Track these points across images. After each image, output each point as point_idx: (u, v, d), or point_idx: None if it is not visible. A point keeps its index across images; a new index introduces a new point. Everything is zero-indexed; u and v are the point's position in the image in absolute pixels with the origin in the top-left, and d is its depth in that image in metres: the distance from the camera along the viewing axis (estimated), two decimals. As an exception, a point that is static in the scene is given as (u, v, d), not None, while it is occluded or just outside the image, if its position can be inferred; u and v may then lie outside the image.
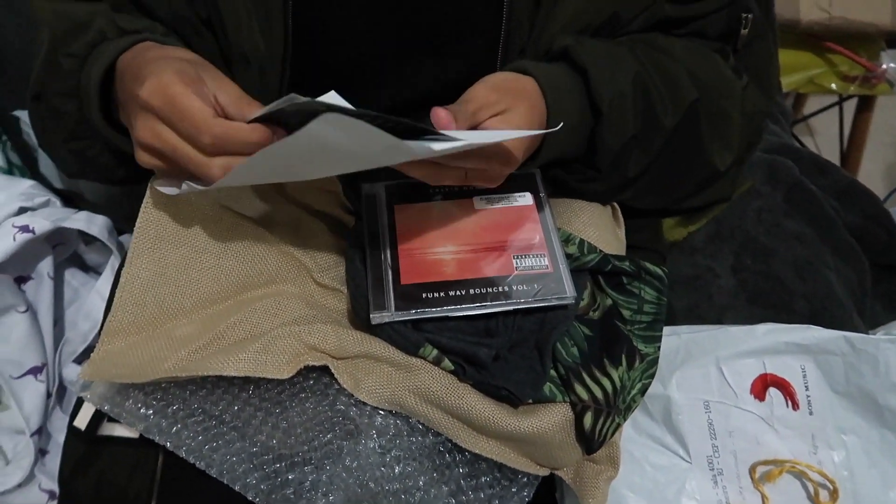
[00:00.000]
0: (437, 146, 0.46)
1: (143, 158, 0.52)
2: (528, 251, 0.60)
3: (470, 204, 0.63)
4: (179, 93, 0.48)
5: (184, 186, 0.53)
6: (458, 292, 0.56)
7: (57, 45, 0.59)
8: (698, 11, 0.66)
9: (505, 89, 0.57)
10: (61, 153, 0.65)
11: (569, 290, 0.58)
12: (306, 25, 0.61)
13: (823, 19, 1.12)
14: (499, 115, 0.55)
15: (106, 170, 0.65)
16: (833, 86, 1.22)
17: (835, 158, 1.07)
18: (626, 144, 0.61)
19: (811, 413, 0.66)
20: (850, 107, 1.45)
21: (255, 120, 0.50)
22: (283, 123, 0.51)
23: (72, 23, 0.59)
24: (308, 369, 0.56)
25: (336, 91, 0.53)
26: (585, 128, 0.61)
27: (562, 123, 0.56)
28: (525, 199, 0.64)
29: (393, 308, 0.56)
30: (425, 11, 0.62)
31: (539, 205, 0.63)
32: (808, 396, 0.66)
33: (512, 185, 0.63)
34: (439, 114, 0.51)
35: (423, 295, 0.56)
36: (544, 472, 0.59)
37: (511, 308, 0.57)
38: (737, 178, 0.70)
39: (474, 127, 0.54)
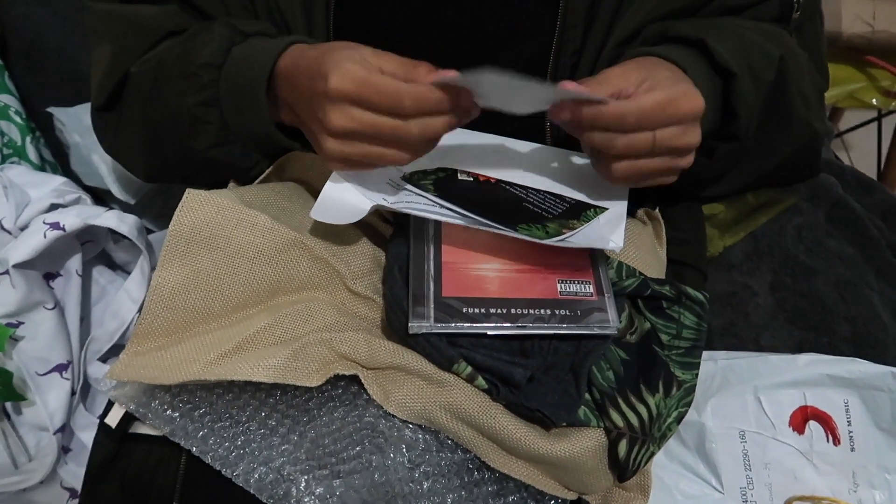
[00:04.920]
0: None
1: (334, 148, 0.53)
2: (573, 276, 0.58)
3: None
4: (367, 75, 0.51)
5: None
6: (499, 311, 0.55)
7: (176, 59, 0.60)
8: None
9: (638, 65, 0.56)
10: (178, 161, 0.66)
11: (612, 320, 0.56)
12: (349, 29, 0.61)
13: (866, 32, 1.10)
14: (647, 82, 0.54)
15: (233, 173, 0.66)
16: (874, 101, 1.19)
17: (871, 175, 1.04)
18: (757, 98, 0.60)
19: (853, 449, 0.64)
20: (890, 123, 1.43)
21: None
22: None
23: (142, 31, 0.61)
24: (337, 378, 0.54)
25: None
26: (716, 93, 0.60)
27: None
28: None
29: (432, 319, 0.54)
30: (478, 15, 0.62)
31: None
32: (850, 432, 0.64)
33: None
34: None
35: (464, 309, 0.55)
36: (572, 496, 0.58)
37: (551, 332, 0.56)
38: (819, 155, 0.70)
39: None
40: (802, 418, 0.65)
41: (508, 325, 0.55)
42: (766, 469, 0.64)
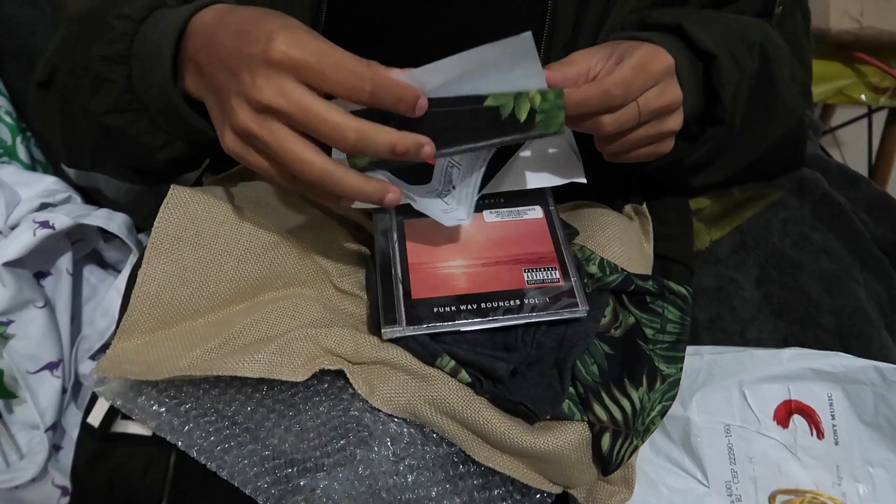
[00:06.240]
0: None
1: (245, 123, 0.45)
2: (539, 264, 0.59)
3: (480, 218, 0.62)
4: (324, 44, 0.43)
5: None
6: (469, 306, 0.55)
7: (98, 9, 0.54)
8: None
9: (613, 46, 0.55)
10: (85, 134, 0.59)
11: (581, 303, 0.57)
12: (340, 23, 0.61)
13: (854, 29, 1.10)
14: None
15: (139, 153, 0.58)
16: (863, 97, 1.19)
17: (862, 171, 1.03)
18: (740, 82, 0.59)
19: (837, 443, 0.64)
20: (880, 119, 1.43)
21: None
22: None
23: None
24: (323, 373, 0.55)
25: None
26: (698, 77, 0.59)
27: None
28: (535, 212, 0.63)
29: (405, 323, 0.55)
30: (468, 8, 0.62)
31: (549, 218, 0.62)
32: (833, 425, 0.64)
33: (522, 199, 0.63)
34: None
35: (435, 309, 0.56)
36: (557, 489, 0.58)
37: (523, 322, 0.57)
38: (804, 144, 0.70)
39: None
40: (787, 412, 0.65)
41: (479, 319, 0.55)
42: (751, 463, 0.65)
